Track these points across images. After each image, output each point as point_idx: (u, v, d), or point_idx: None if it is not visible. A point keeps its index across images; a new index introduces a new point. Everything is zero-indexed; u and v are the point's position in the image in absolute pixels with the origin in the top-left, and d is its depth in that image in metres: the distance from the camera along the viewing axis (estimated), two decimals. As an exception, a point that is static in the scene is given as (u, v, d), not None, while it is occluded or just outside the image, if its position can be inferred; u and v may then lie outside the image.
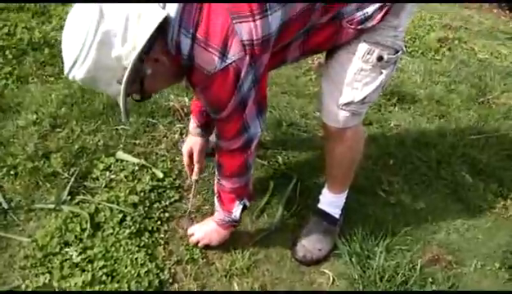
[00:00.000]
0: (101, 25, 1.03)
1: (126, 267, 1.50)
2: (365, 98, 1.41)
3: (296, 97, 2.48)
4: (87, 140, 1.96)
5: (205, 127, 1.70)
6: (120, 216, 1.64)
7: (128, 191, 1.74)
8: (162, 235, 1.65)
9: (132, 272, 1.49)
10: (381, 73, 1.38)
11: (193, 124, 1.71)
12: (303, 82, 2.63)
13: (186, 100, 2.23)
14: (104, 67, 1.07)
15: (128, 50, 1.05)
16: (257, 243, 1.68)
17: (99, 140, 1.97)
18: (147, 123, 2.09)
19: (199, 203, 1.78)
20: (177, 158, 1.95)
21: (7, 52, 2.34)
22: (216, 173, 1.51)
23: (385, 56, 1.34)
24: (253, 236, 1.71)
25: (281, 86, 2.53)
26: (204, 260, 1.60)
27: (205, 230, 1.61)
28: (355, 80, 1.38)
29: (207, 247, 1.62)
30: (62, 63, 1.12)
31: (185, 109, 2.19)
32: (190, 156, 1.71)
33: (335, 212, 1.71)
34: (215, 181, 1.53)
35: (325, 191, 1.71)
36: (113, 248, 1.55)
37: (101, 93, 2.03)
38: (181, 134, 2.08)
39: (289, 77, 2.63)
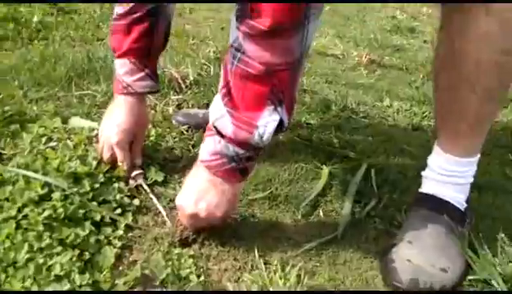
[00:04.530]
0: None
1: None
2: None
3: (345, 87, 1.75)
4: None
5: (155, 74, 1.01)
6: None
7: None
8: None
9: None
10: None
11: (139, 72, 0.97)
12: (352, 75, 1.91)
13: (190, 71, 1.52)
14: None
15: None
16: (306, 255, 0.86)
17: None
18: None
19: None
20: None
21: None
22: (230, 38, 0.73)
23: None
24: (300, 243, 0.88)
25: (325, 77, 1.82)
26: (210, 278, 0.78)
27: (198, 190, 0.81)
28: None
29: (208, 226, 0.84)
30: None
31: (186, 81, 1.47)
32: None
33: (458, 198, 0.88)
34: (227, 62, 0.75)
35: (434, 156, 0.90)
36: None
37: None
38: (178, 107, 1.34)
39: (335, 70, 1.92)
